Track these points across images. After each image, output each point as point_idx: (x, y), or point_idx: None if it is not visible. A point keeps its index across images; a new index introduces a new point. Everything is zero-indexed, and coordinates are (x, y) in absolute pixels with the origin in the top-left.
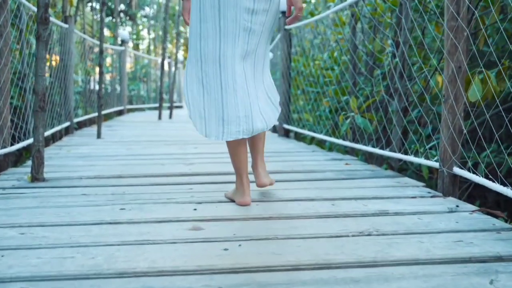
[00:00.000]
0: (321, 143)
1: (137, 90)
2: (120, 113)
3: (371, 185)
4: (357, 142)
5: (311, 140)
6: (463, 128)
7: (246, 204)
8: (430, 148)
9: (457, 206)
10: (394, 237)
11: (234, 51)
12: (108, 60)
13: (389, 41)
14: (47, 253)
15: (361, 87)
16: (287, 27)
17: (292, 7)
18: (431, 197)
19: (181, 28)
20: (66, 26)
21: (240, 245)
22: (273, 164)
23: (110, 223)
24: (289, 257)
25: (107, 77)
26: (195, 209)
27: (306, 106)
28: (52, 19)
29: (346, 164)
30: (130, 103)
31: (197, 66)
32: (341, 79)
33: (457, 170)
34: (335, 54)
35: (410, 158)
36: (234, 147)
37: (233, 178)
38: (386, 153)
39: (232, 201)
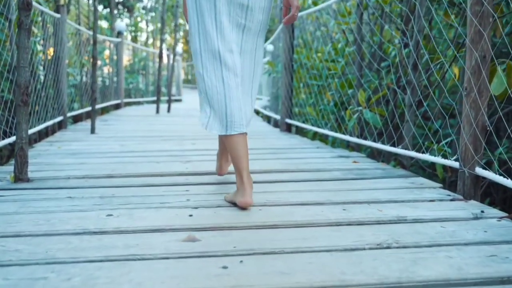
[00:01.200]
0: (323, 138)
1: (136, 83)
2: (117, 106)
3: (384, 186)
4: (365, 138)
5: (314, 135)
6: (488, 124)
7: (247, 204)
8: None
9: (482, 211)
10: (417, 250)
11: (231, 46)
12: (107, 53)
13: (399, 31)
14: (17, 272)
15: (369, 79)
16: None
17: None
18: (451, 200)
19: (180, 21)
20: (58, 16)
21: (241, 261)
22: (277, 162)
23: (94, 232)
24: (300, 277)
25: (105, 70)
26: (191, 215)
27: (309, 100)
28: (42, 8)
29: (354, 162)
30: (129, 96)
31: (198, 61)
32: (346, 71)
33: (479, 170)
34: (339, 45)
35: (426, 156)
36: (233, 142)
37: (233, 178)
38: (399, 150)
39: (233, 204)
